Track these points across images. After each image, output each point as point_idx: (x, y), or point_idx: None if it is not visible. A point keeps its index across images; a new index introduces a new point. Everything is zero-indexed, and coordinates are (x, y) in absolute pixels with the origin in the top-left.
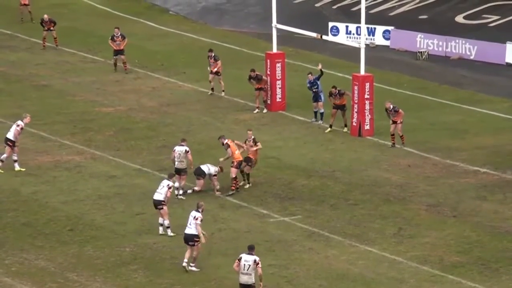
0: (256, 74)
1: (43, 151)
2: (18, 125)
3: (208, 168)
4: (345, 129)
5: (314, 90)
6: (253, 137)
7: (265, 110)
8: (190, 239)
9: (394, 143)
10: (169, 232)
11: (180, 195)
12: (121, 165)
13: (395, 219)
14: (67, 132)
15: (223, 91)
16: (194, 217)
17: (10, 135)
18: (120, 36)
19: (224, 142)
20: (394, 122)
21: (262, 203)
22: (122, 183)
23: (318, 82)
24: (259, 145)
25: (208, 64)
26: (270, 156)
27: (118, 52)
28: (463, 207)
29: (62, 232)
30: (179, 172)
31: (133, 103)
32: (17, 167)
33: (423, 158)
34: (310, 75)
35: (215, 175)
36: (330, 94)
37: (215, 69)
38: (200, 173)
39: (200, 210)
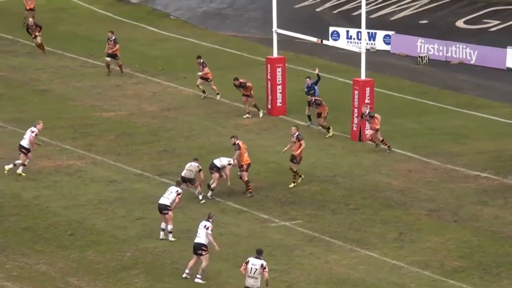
0: (240, 82)
1: (43, 156)
2: (32, 132)
3: (220, 160)
4: (329, 134)
5: (310, 94)
6: (297, 133)
7: (261, 114)
8: (199, 248)
9: (389, 146)
10: (171, 237)
11: (201, 200)
12: (121, 169)
13: (396, 224)
14: (67, 137)
15: (218, 94)
16: (205, 226)
17: (25, 142)
18: (112, 41)
19: (236, 142)
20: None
21: (262, 207)
22: (123, 188)
23: (316, 87)
24: (303, 145)
25: (199, 70)
26: (270, 161)
27: (109, 55)
28: (464, 212)
29: (63, 236)
30: (185, 180)
31: (134, 108)
32: (19, 170)
33: (424, 163)
34: (308, 79)
35: (229, 164)
36: (308, 103)
37: (201, 74)
38: (212, 167)
39: (210, 220)
